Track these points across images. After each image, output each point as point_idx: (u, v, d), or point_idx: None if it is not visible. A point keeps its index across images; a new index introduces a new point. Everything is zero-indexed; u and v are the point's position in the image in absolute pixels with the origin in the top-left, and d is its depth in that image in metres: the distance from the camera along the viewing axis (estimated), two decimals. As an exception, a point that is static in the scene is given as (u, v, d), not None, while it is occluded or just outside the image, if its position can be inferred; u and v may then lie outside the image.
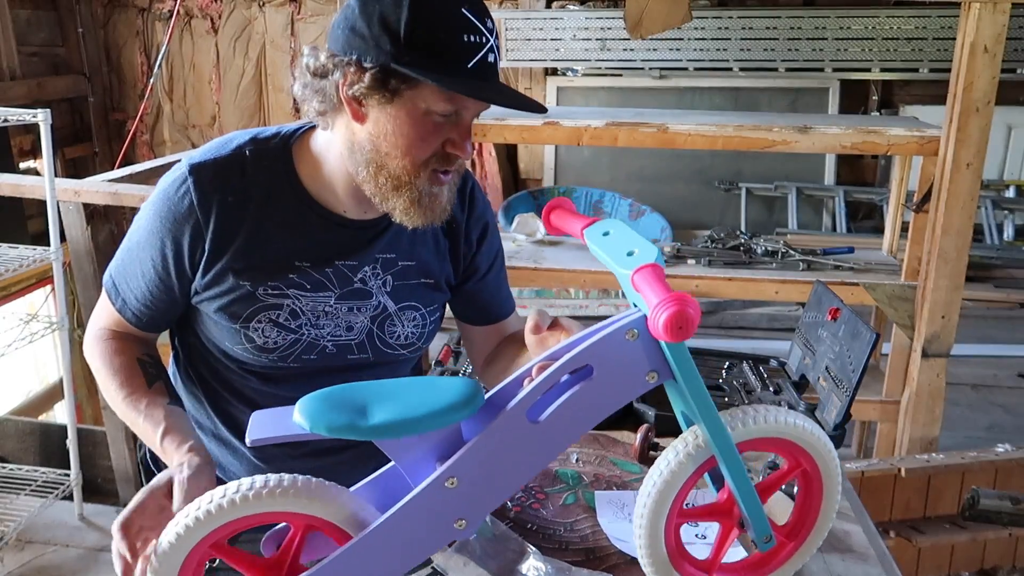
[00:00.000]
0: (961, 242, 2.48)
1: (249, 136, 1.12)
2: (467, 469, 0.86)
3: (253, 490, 0.85)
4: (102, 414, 2.88)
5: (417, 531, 0.88)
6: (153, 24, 6.04)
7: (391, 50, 0.94)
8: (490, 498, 0.90)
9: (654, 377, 0.87)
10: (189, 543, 0.86)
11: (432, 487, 0.86)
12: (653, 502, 0.91)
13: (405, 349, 1.20)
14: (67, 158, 5.83)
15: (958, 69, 2.39)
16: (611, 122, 2.68)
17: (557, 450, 0.91)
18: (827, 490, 0.98)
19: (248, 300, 1.09)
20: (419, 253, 1.18)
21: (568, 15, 5.43)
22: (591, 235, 0.93)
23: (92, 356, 1.14)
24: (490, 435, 0.86)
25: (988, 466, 2.50)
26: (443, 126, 1.01)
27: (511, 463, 0.88)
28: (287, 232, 1.10)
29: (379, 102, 0.98)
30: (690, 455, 0.90)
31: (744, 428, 0.91)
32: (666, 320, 0.74)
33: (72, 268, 2.80)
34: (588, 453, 1.52)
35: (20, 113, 2.46)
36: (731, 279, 2.78)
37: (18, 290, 4.80)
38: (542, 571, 1.14)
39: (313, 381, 1.16)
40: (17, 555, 2.57)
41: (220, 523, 0.86)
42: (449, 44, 0.94)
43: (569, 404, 0.87)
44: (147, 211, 1.10)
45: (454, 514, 0.88)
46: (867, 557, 1.28)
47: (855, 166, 5.70)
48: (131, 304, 1.12)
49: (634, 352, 0.86)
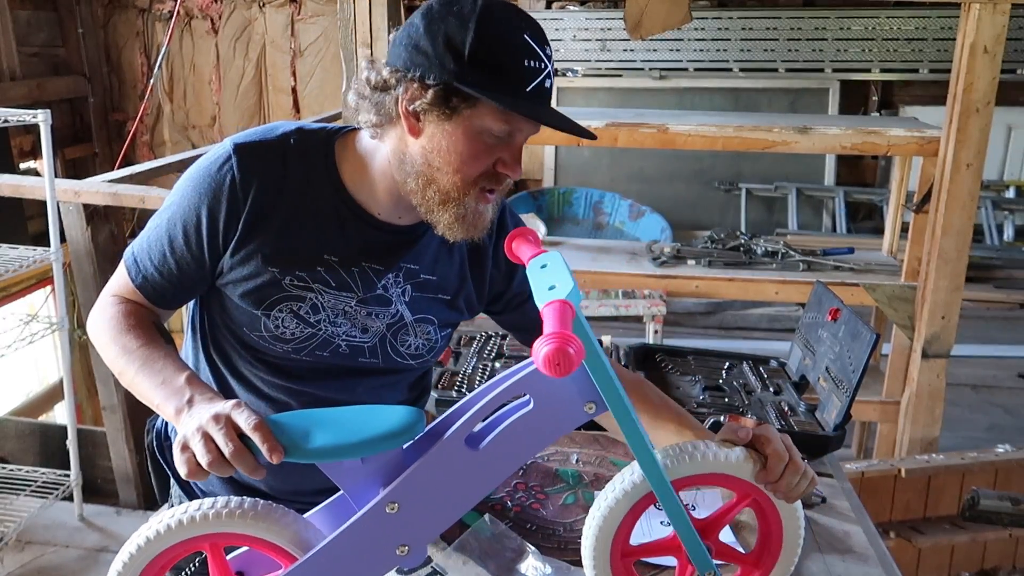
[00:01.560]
0: (961, 242, 2.48)
1: (295, 126, 1.14)
2: (407, 495, 0.89)
3: (210, 511, 0.88)
4: (102, 414, 2.88)
5: (359, 555, 0.90)
6: (153, 25, 6.05)
7: (455, 69, 0.98)
8: (431, 524, 0.92)
9: (592, 407, 0.89)
10: (141, 563, 0.89)
11: (373, 512, 0.89)
12: (594, 538, 0.93)
13: (414, 360, 1.21)
14: (67, 159, 5.83)
15: (958, 69, 2.39)
16: (611, 122, 2.68)
17: (498, 478, 0.93)
18: (785, 517, 0.98)
19: (273, 287, 1.11)
20: (441, 269, 1.20)
21: (568, 15, 5.43)
22: (532, 266, 0.95)
23: (99, 317, 1.13)
24: (429, 461, 0.89)
25: (988, 466, 2.50)
26: (495, 146, 1.04)
27: (451, 490, 0.90)
28: (320, 224, 1.11)
29: (438, 118, 1.02)
30: (626, 492, 0.92)
31: (679, 465, 0.92)
32: (545, 355, 0.76)
33: (72, 269, 2.80)
34: (588, 454, 1.52)
35: (20, 114, 2.46)
36: (731, 279, 2.78)
37: (18, 290, 4.80)
38: (541, 570, 1.14)
39: (320, 379, 1.16)
40: (17, 556, 2.57)
41: (172, 542, 0.88)
42: (511, 67, 0.98)
43: (508, 433, 0.89)
44: (184, 185, 1.11)
45: (396, 539, 0.91)
46: (867, 558, 1.28)
47: (855, 167, 5.70)
48: (153, 279, 1.12)
49: (568, 384, 0.88)
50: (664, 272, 2.79)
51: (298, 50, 5.89)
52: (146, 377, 1.04)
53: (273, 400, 1.17)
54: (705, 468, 0.93)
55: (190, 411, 0.95)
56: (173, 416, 0.97)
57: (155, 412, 1.38)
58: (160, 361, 1.05)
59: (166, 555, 0.90)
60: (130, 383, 1.07)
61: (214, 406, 0.92)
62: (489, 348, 1.91)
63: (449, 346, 1.98)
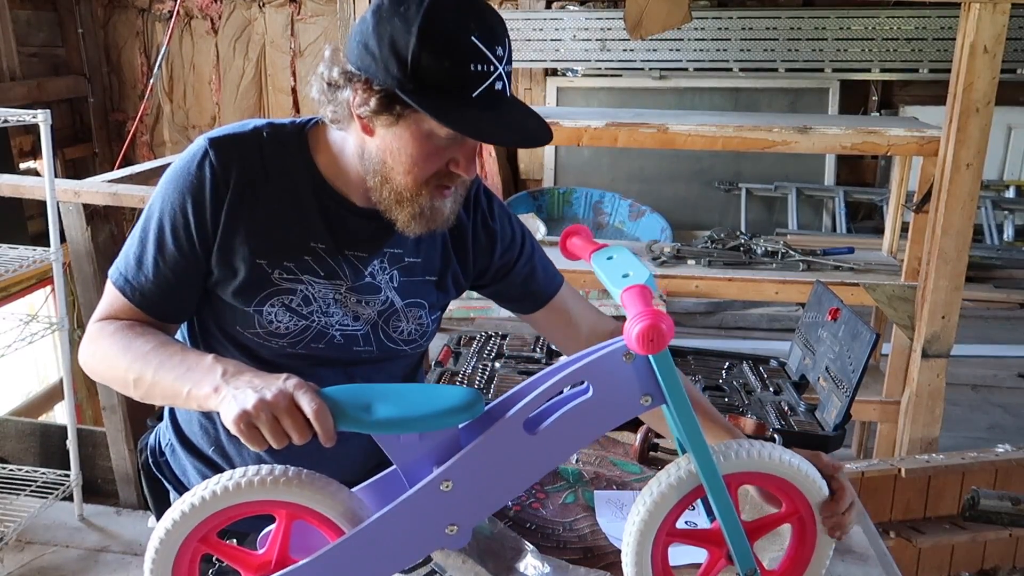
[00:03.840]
0: (961, 242, 2.48)
1: (265, 121, 1.14)
2: (463, 473, 0.89)
3: (258, 477, 0.88)
4: (102, 414, 2.88)
5: (409, 532, 0.90)
6: (153, 25, 6.04)
7: (398, 76, 0.96)
8: (483, 505, 0.92)
9: (648, 400, 0.90)
10: (186, 528, 0.88)
11: (428, 488, 0.89)
12: (640, 526, 0.94)
13: (407, 345, 1.21)
14: (67, 159, 5.83)
15: (958, 69, 2.39)
16: (611, 122, 2.68)
17: (550, 464, 0.93)
18: (820, 545, 0.98)
19: (263, 281, 1.10)
20: (425, 250, 1.20)
21: (568, 15, 5.43)
22: (597, 259, 0.98)
23: (97, 341, 1.08)
24: (487, 442, 0.89)
25: (988, 466, 2.49)
26: (448, 147, 1.02)
27: (505, 471, 0.91)
28: (304, 213, 1.11)
29: (385, 123, 1.01)
30: (674, 484, 0.92)
31: (735, 460, 0.93)
32: (639, 332, 0.78)
33: (72, 269, 2.80)
34: (588, 453, 1.52)
35: (20, 114, 2.46)
36: (731, 279, 2.78)
37: (18, 291, 4.80)
38: (540, 569, 1.14)
39: (317, 373, 1.16)
40: (17, 556, 2.57)
41: (222, 507, 0.88)
42: (454, 75, 0.95)
43: (565, 419, 0.90)
44: (164, 189, 1.10)
45: (447, 518, 0.90)
46: (867, 558, 1.28)
47: (855, 166, 5.70)
48: (150, 294, 1.10)
49: (629, 374, 0.89)
50: (664, 272, 2.79)
51: (298, 50, 5.89)
52: (168, 372, 1.00)
53: None
54: (760, 467, 0.94)
55: (232, 385, 0.92)
56: (210, 395, 0.94)
57: (145, 429, 1.38)
58: (178, 355, 1.02)
59: (211, 521, 0.89)
60: (149, 387, 1.02)
61: (272, 382, 0.90)
62: (489, 348, 1.91)
63: (448, 346, 1.98)
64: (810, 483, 0.95)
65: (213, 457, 1.22)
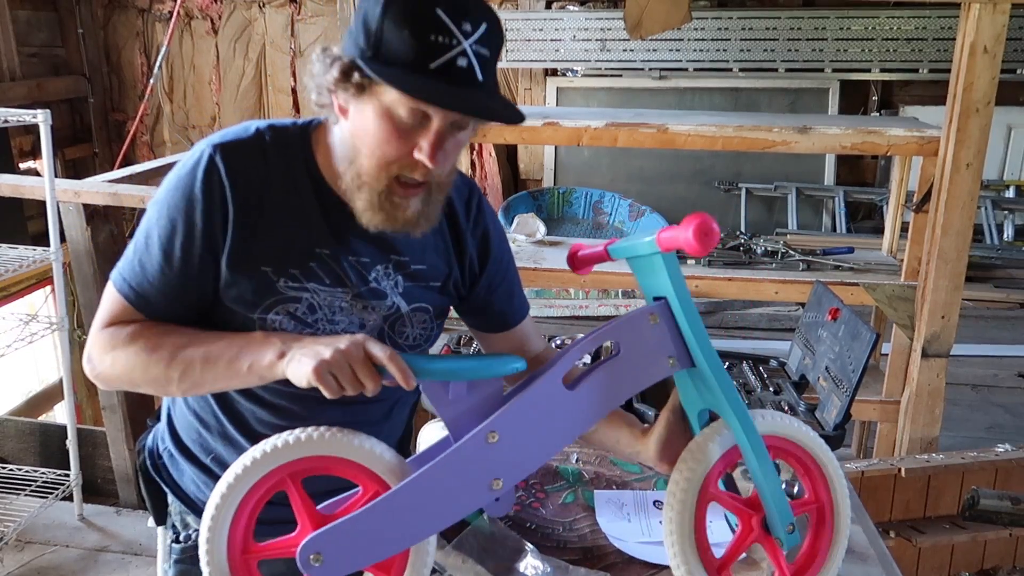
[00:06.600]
0: (961, 242, 2.48)
1: (267, 123, 1.13)
2: (508, 426, 0.95)
3: (317, 432, 0.95)
4: (102, 414, 2.88)
5: (456, 484, 0.94)
6: (153, 25, 6.05)
7: (363, 47, 0.96)
8: (526, 460, 0.97)
9: (674, 362, 0.97)
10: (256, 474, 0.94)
11: (474, 439, 0.94)
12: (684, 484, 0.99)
13: (412, 350, 1.21)
14: (67, 159, 5.83)
15: (958, 69, 2.39)
16: (611, 122, 2.68)
17: (588, 421, 0.99)
18: (837, 533, 1.04)
19: (267, 289, 1.08)
20: (429, 257, 1.19)
21: (568, 16, 5.43)
22: (615, 248, 1.05)
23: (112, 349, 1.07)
24: (530, 395, 0.96)
25: (988, 466, 2.49)
26: (412, 132, 1.00)
27: (546, 426, 0.97)
28: (308, 218, 1.10)
29: (352, 97, 1.00)
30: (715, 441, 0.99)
31: (771, 422, 1.01)
32: (696, 226, 0.85)
33: (72, 269, 2.80)
34: (588, 453, 1.52)
35: (20, 114, 2.47)
36: (731, 279, 2.78)
37: (18, 290, 4.80)
38: (540, 569, 1.14)
39: None
40: (17, 555, 2.57)
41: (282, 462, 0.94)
42: (413, 44, 0.93)
43: (599, 377, 0.97)
44: (168, 197, 1.08)
45: (492, 471, 0.95)
46: (867, 557, 1.28)
47: (855, 166, 5.70)
48: (155, 300, 1.09)
49: (656, 335, 0.97)
50: (664, 272, 2.77)
51: (298, 50, 5.89)
52: (219, 355, 1.04)
53: (276, 407, 1.15)
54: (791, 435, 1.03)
55: (297, 347, 0.99)
56: (275, 362, 1.00)
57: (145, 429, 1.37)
58: (222, 339, 1.06)
59: (269, 479, 0.94)
60: (199, 377, 1.05)
61: (339, 338, 0.96)
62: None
63: (449, 346, 1.98)
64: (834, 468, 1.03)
65: (210, 465, 1.22)
